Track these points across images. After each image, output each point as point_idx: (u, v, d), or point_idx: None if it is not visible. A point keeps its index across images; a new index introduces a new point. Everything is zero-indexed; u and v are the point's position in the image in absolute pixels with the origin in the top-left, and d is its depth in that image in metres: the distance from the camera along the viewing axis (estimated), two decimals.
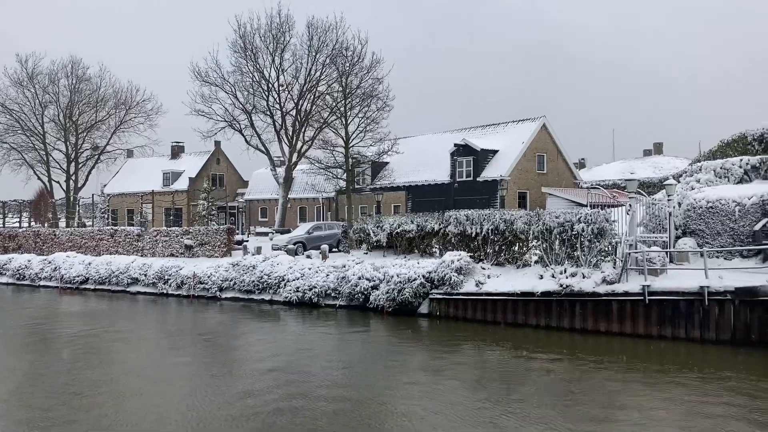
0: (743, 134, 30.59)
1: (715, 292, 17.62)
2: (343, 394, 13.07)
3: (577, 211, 22.84)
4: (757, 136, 29.09)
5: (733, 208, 22.43)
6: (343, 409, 11.96)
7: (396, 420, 11.30)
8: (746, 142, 29.96)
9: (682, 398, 12.43)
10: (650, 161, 58.16)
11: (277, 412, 11.66)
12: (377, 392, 13.28)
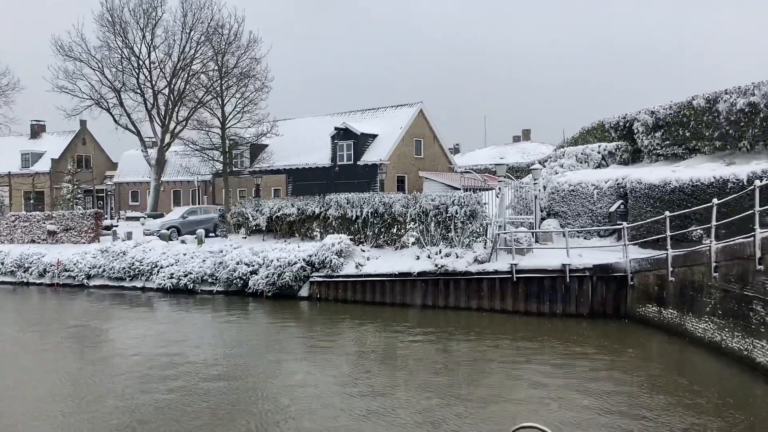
0: (601, 122, 32.94)
1: (575, 270, 18.98)
2: (220, 381, 12.89)
3: (452, 195, 23.72)
4: (614, 124, 31.38)
5: (592, 191, 24.17)
6: (220, 397, 11.80)
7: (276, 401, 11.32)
8: (604, 129, 32.28)
9: (542, 365, 13.36)
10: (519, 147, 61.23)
11: (150, 406, 11.27)
12: (257, 377, 13.21)
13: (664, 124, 26.77)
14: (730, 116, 22.78)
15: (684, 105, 25.68)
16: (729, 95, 23.14)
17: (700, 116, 24.58)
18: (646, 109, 28.30)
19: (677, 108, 26.10)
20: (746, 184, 17.82)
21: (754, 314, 12.46)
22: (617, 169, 26.88)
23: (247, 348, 16.21)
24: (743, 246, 13.14)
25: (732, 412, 10.29)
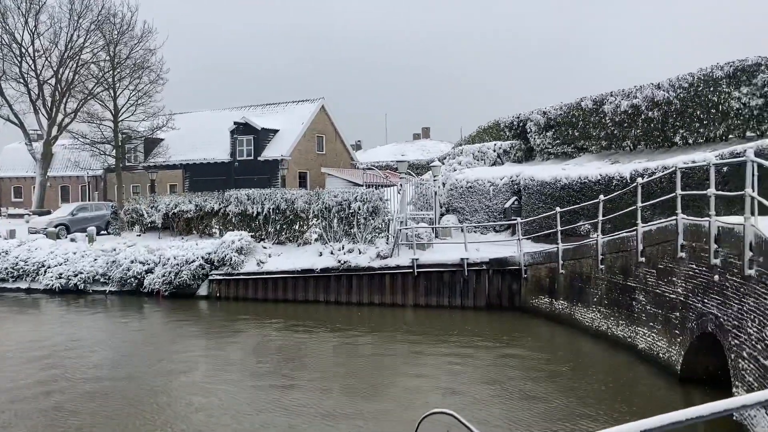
0: (497, 122, 34.14)
1: (473, 264, 19.60)
2: (111, 382, 12.37)
3: (354, 191, 23.87)
4: (508, 123, 32.60)
5: (488, 188, 25.04)
6: (112, 403, 11.33)
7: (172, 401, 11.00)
8: (499, 128, 33.48)
9: (442, 356, 13.74)
10: (419, 144, 62.41)
11: (37, 414, 10.68)
12: (152, 377, 12.77)
13: (555, 124, 28.12)
14: (614, 117, 24.24)
15: (573, 106, 27.07)
16: (614, 97, 24.62)
17: (587, 117, 26.00)
18: (539, 110, 29.61)
19: (567, 109, 27.47)
20: (629, 182, 19.02)
21: (636, 303, 13.36)
22: (512, 166, 27.98)
23: (142, 348, 15.64)
24: (626, 239, 14.05)
25: (618, 394, 11.00)
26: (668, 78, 22.31)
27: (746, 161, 8.85)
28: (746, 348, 8.63)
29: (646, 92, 22.79)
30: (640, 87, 23.59)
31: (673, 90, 21.78)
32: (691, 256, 11.10)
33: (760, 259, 8.38)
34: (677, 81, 21.73)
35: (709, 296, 10.21)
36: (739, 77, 19.36)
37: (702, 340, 10.62)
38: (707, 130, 20.77)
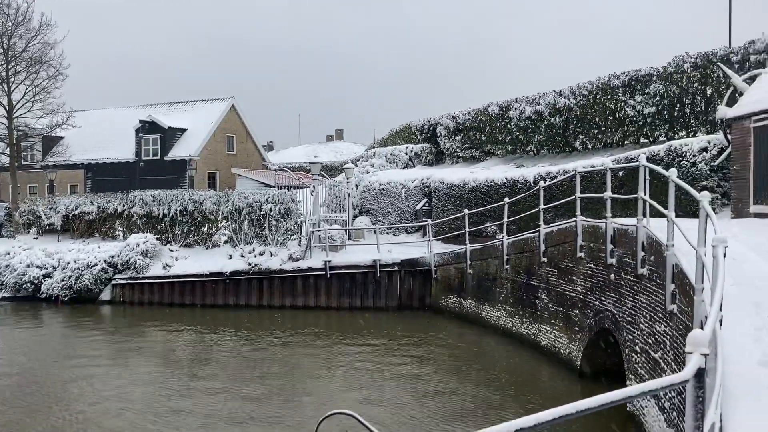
0: (408, 125, 34.63)
1: (385, 265, 19.81)
2: (9, 393, 11.67)
3: (266, 192, 23.58)
4: (419, 127, 33.12)
5: (400, 190, 25.36)
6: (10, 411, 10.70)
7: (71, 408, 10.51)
8: (411, 132, 33.98)
9: (354, 356, 13.82)
10: (332, 146, 62.38)
11: None
12: (50, 386, 12.15)
13: (464, 129, 28.83)
14: (519, 123, 25.12)
15: (481, 111, 27.84)
16: (519, 103, 25.50)
17: (494, 122, 26.81)
18: (448, 114, 30.27)
19: (475, 114, 28.22)
20: (533, 185, 19.75)
21: (539, 302, 13.91)
22: (423, 169, 28.45)
23: (40, 356, 14.84)
24: (530, 240, 14.62)
25: (522, 388, 11.44)
26: (569, 86, 23.34)
27: (639, 166, 9.41)
28: (639, 342, 9.18)
29: (549, 99, 23.74)
30: (543, 94, 24.56)
31: (573, 97, 22.80)
32: (590, 256, 11.69)
33: (652, 258, 8.93)
34: (577, 89, 22.77)
35: (606, 294, 10.79)
36: (633, 86, 20.51)
37: (599, 336, 11.20)
38: (605, 136, 21.87)
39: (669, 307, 7.80)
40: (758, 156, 12.50)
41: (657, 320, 8.39)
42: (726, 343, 5.47)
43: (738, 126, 13.17)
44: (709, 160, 14.60)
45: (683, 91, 18.89)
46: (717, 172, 14.54)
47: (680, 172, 14.32)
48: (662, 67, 19.79)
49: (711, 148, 14.68)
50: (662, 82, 19.46)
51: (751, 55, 16.78)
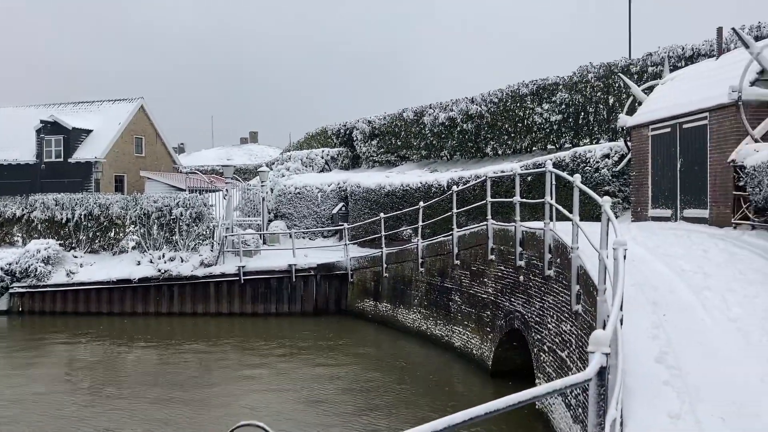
0: (324, 129, 34.57)
1: (301, 269, 19.67)
2: None
3: (176, 196, 22.89)
4: (336, 131, 33.14)
5: (316, 194, 25.26)
6: None
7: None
8: (327, 135, 33.93)
9: (268, 363, 13.62)
10: (246, 149, 61.34)
11: None
12: None
13: (380, 133, 29.08)
14: (433, 128, 25.57)
15: (396, 116, 28.17)
16: (433, 110, 25.96)
17: (409, 127, 27.18)
18: (364, 119, 30.44)
19: (390, 119, 28.53)
20: (447, 189, 20.13)
21: (452, 304, 14.19)
22: (339, 173, 28.48)
23: None
24: (444, 243, 14.89)
25: (436, 388, 11.61)
26: (480, 93, 23.98)
27: (546, 172, 9.77)
28: (547, 342, 9.52)
29: (461, 106, 24.30)
30: (456, 100, 25.11)
31: (484, 104, 23.44)
32: (500, 259, 12.03)
33: (558, 260, 9.28)
34: (488, 96, 23.42)
35: (516, 295, 11.13)
36: (541, 95, 21.32)
37: (510, 337, 11.54)
38: (515, 142, 22.60)
39: (574, 308, 8.12)
40: (655, 162, 13.26)
41: (563, 320, 8.73)
42: (626, 341, 5.75)
43: (637, 134, 13.92)
44: (611, 166, 15.34)
45: (587, 100, 19.79)
46: (618, 178, 15.30)
47: (584, 177, 14.98)
48: (568, 76, 20.66)
49: (613, 154, 15.43)
50: (568, 91, 20.31)
51: (649, 67, 17.79)
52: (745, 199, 10.41)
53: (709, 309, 6.47)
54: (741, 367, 5.21)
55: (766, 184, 9.48)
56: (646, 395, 4.80)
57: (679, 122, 12.36)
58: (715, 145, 11.38)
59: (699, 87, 12.22)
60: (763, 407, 4.60)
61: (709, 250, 8.89)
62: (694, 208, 11.97)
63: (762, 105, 10.87)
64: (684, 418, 4.47)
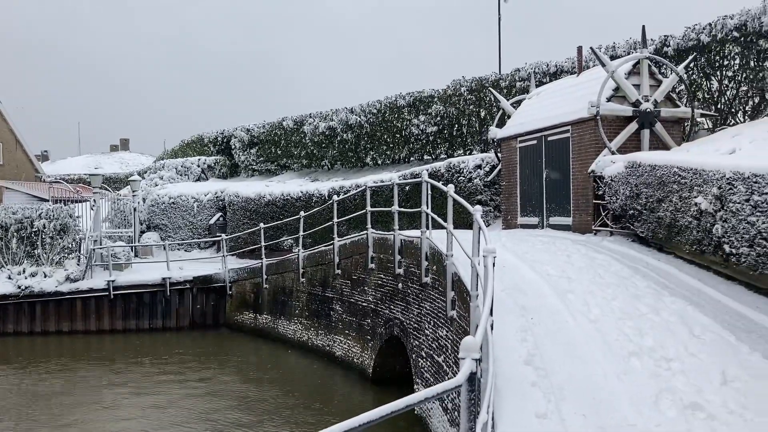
0: (201, 136, 33.57)
1: (176, 283, 18.93)
2: None
3: (39, 207, 21.33)
4: (213, 139, 32.29)
5: (192, 204, 24.44)
6: None
7: None
8: (204, 143, 32.97)
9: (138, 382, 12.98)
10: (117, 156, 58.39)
11: None
12: None
13: (259, 142, 28.65)
14: (314, 138, 25.53)
15: (276, 125, 27.88)
16: (313, 119, 25.93)
17: (289, 136, 26.99)
18: (243, 127, 29.89)
19: (270, 127, 28.20)
20: (327, 198, 20.16)
21: (334, 313, 14.19)
22: (216, 182, 27.75)
23: None
24: (325, 253, 14.88)
25: (317, 398, 11.54)
26: (360, 103, 24.24)
27: (422, 182, 10.02)
28: (424, 348, 9.73)
29: (341, 115, 24.44)
30: (336, 110, 25.23)
31: (364, 115, 23.70)
32: (380, 267, 12.18)
33: (434, 267, 9.53)
34: (368, 107, 23.71)
35: (395, 303, 11.31)
36: (417, 106, 21.86)
37: (390, 344, 11.70)
38: (393, 152, 23.01)
39: (449, 313, 8.37)
40: (523, 173, 13.97)
41: (440, 326, 8.97)
42: (497, 344, 6.00)
43: (506, 146, 14.61)
44: (483, 176, 15.98)
45: (461, 113, 20.52)
46: (490, 187, 15.97)
47: (459, 187, 15.52)
48: (442, 89, 21.33)
49: (484, 165, 16.08)
50: (442, 103, 20.96)
51: (517, 82, 18.72)
52: (604, 207, 11.19)
53: (573, 312, 6.88)
54: (600, 365, 5.58)
55: (622, 193, 10.24)
56: (515, 397, 5.02)
57: (545, 135, 13.10)
58: (576, 157, 12.16)
59: (562, 102, 13.02)
60: (619, 402, 4.94)
61: (572, 255, 9.47)
62: (559, 216, 12.71)
63: (618, 119, 11.75)
64: (550, 417, 4.72)
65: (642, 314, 6.73)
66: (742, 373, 5.32)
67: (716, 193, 7.74)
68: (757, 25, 13.30)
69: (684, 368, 5.46)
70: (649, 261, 8.94)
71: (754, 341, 6.00)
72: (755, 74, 13.82)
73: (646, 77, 11.93)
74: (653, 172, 9.31)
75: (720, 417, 4.68)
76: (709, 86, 14.61)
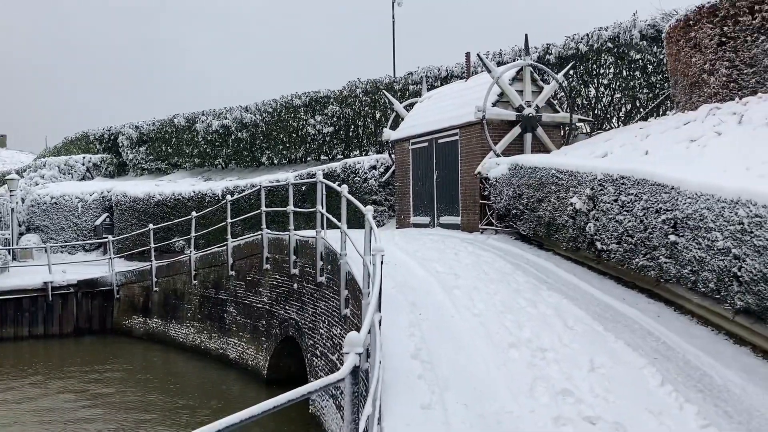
0: (86, 133, 31.99)
1: (59, 287, 17.94)
2: None
3: None
4: (99, 136, 30.87)
5: (76, 204, 23.25)
6: None
7: None
8: (89, 141, 31.44)
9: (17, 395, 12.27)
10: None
11: None
12: None
13: (149, 140, 27.69)
14: (207, 136, 24.98)
15: (166, 122, 27.04)
16: (206, 117, 25.36)
17: (181, 134, 26.25)
18: (131, 124, 28.78)
19: (160, 125, 27.31)
20: (221, 198, 19.79)
21: (227, 315, 13.99)
22: (103, 181, 26.55)
23: None
24: (218, 254, 14.63)
25: (210, 402, 11.35)
26: (255, 102, 23.97)
27: (317, 182, 10.11)
28: (319, 347, 9.83)
29: (236, 114, 24.07)
30: (230, 108, 24.82)
31: (259, 113, 23.45)
32: (275, 268, 12.15)
33: (329, 267, 9.65)
34: (263, 105, 23.49)
35: (290, 303, 11.32)
36: (314, 107, 21.89)
37: (284, 344, 11.71)
38: (289, 152, 22.93)
39: (343, 312, 8.51)
40: (416, 174, 14.35)
41: (334, 324, 9.09)
42: (387, 340, 6.20)
43: (400, 147, 14.95)
44: (377, 176, 16.26)
45: (357, 114, 20.77)
46: (385, 188, 16.28)
47: (354, 187, 15.72)
48: (338, 90, 21.50)
49: (379, 166, 16.38)
50: (338, 104, 21.13)
51: (410, 85, 19.18)
52: (490, 207, 11.72)
53: (458, 307, 7.20)
54: (482, 357, 5.89)
55: (506, 193, 10.76)
56: (402, 389, 5.22)
57: (435, 137, 13.53)
58: (464, 159, 12.64)
59: (451, 106, 13.49)
60: (498, 391, 5.25)
61: (460, 253, 9.87)
62: (449, 215, 13.17)
63: (503, 123, 12.32)
64: (434, 407, 4.95)
65: (521, 308, 7.14)
66: (608, 360, 5.79)
67: (589, 194, 8.32)
68: (628, 38, 14.36)
69: (557, 357, 5.87)
70: (530, 257, 9.48)
71: (619, 330, 6.52)
72: (627, 83, 14.91)
73: (529, 84, 12.58)
74: (534, 173, 9.86)
75: (587, 401, 5.08)
76: (587, 93, 15.62)
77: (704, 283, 6.33)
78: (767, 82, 9.29)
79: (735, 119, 8.05)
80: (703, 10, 10.00)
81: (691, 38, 10.27)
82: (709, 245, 6.15)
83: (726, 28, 9.67)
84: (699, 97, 10.20)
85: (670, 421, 4.83)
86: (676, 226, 6.69)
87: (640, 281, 7.77)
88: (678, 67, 10.78)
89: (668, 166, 7.28)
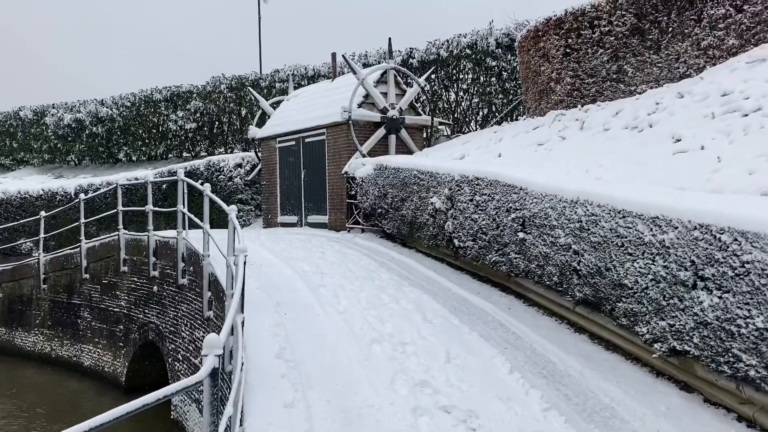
0: None
1: None
2: None
3: None
4: None
5: None
6: None
7: None
8: None
9: None
10: None
11: None
12: None
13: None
14: (58, 131, 23.36)
15: (11, 115, 25.00)
16: (57, 110, 23.72)
17: (28, 128, 24.37)
18: None
19: (4, 117, 25.21)
20: (74, 197, 18.60)
21: (81, 321, 13.20)
22: None
23: None
24: (71, 256, 13.76)
25: (64, 414, 10.68)
26: (112, 96, 22.74)
27: (178, 180, 9.78)
28: (181, 351, 9.54)
29: (90, 107, 22.71)
30: (84, 102, 23.39)
31: (116, 107, 22.28)
32: (133, 270, 11.63)
33: (191, 268, 9.39)
34: (120, 99, 22.34)
35: (150, 306, 10.89)
36: (176, 102, 21.12)
37: (144, 350, 11.25)
38: (149, 148, 21.97)
39: (206, 314, 8.33)
40: (283, 173, 14.29)
41: (197, 327, 8.87)
42: (251, 340, 6.17)
43: (266, 146, 14.82)
44: (243, 175, 16.01)
45: (221, 110, 20.31)
46: (251, 186, 16.06)
47: (219, 186, 15.39)
48: (202, 85, 20.91)
49: (245, 164, 16.13)
50: (202, 100, 20.55)
51: (277, 83, 19.05)
52: (357, 206, 11.93)
53: (324, 305, 7.30)
54: (346, 353, 6.02)
55: (371, 193, 11.01)
56: (265, 389, 5.22)
57: (302, 136, 13.55)
58: (331, 159, 12.78)
59: (318, 105, 13.57)
60: (360, 386, 5.40)
61: (327, 251, 9.98)
62: (316, 214, 13.24)
63: (368, 124, 12.59)
64: (296, 405, 5.01)
65: (384, 304, 7.36)
66: (462, 351, 6.12)
67: (448, 194, 8.72)
68: (485, 45, 15.13)
69: (417, 350, 6.12)
70: (394, 255, 9.77)
71: (474, 323, 6.91)
72: (484, 88, 15.72)
73: (393, 86, 12.94)
74: (397, 174, 10.17)
75: (443, 391, 5.35)
76: (448, 97, 16.30)
77: (549, 276, 6.86)
78: (605, 92, 10.20)
79: (578, 125, 8.78)
80: (551, 22, 10.79)
81: (540, 48, 11.04)
82: (553, 242, 6.67)
83: (570, 40, 10.50)
84: (547, 103, 10.99)
85: (518, 406, 5.20)
86: (525, 224, 7.19)
87: (493, 276, 8.27)
88: (529, 75, 11.54)
89: (519, 168, 7.81)
